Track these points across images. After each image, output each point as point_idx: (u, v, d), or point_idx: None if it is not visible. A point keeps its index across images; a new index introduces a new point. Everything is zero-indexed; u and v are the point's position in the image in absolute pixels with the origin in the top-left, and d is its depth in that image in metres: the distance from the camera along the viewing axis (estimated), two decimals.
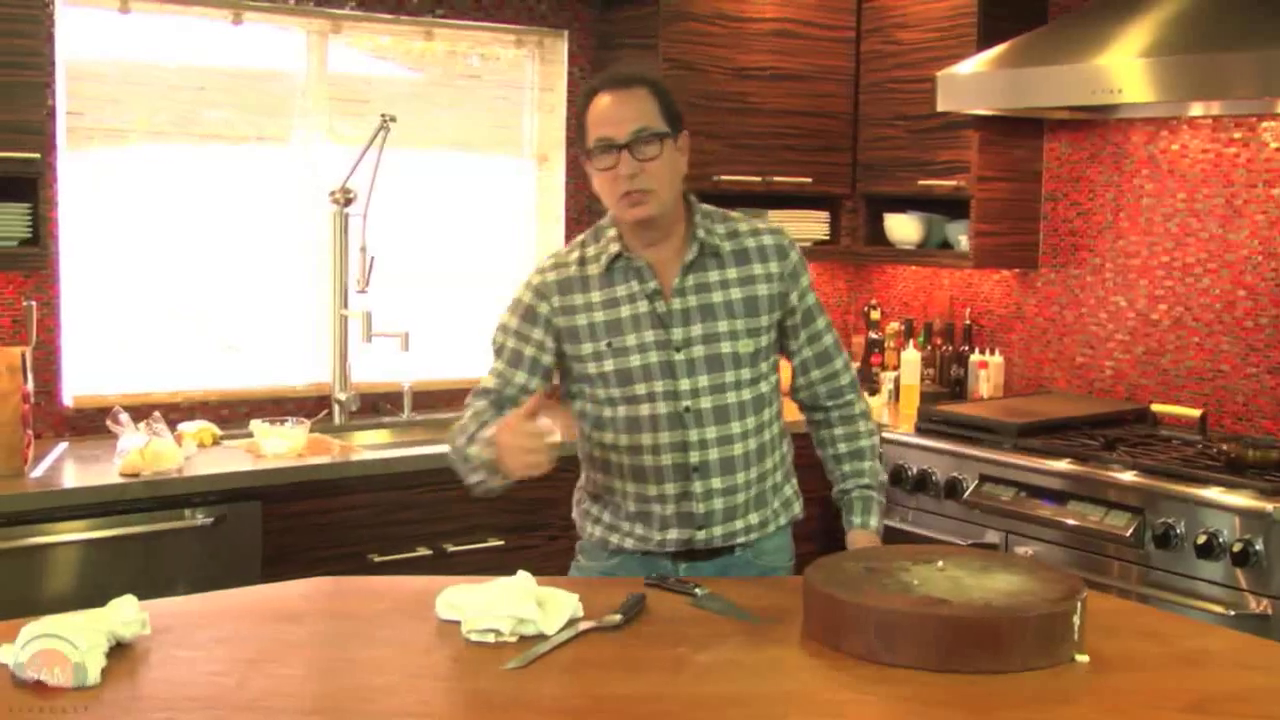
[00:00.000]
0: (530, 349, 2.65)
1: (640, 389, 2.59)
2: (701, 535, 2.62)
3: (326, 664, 2.15)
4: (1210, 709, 1.99)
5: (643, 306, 2.59)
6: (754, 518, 2.65)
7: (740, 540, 2.65)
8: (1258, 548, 3.36)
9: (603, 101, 2.55)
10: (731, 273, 2.63)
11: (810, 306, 2.71)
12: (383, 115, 4.17)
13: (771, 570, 2.69)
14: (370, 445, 4.16)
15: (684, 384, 2.59)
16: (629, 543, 2.67)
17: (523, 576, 2.27)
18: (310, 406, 4.24)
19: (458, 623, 2.20)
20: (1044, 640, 2.10)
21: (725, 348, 2.60)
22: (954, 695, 1.99)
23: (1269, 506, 3.35)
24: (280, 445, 3.74)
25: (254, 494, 3.53)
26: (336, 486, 3.66)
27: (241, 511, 3.50)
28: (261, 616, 2.32)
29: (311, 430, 3.89)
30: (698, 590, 2.39)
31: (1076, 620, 2.13)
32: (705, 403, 2.59)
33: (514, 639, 2.15)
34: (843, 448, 2.76)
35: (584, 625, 2.21)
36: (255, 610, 2.37)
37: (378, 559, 3.67)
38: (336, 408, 4.26)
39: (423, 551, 3.75)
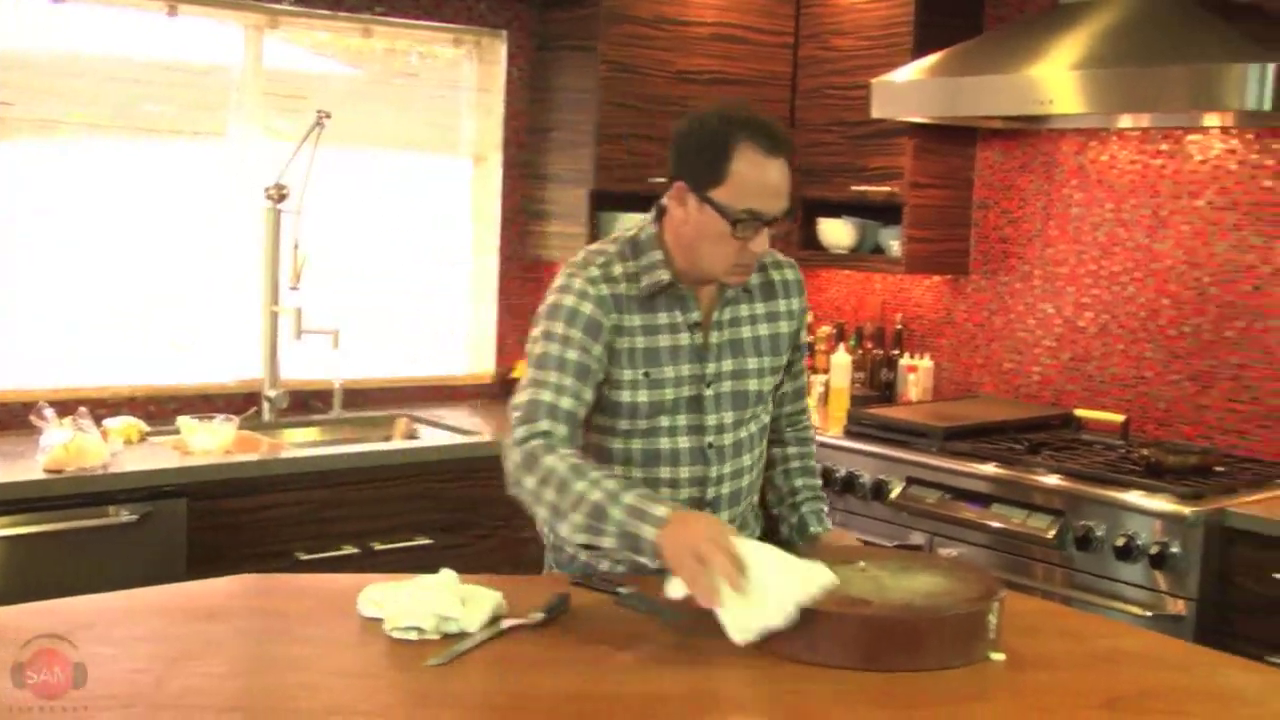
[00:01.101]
0: (594, 365, 2.40)
1: (664, 421, 2.48)
2: None
3: (248, 662, 2.14)
4: (1123, 706, 2.03)
5: (683, 338, 2.47)
6: None
7: None
8: (1174, 550, 3.41)
9: (769, 168, 2.32)
10: (759, 308, 2.56)
11: (803, 343, 2.69)
12: (318, 111, 4.15)
13: None
14: (299, 443, 4.14)
15: (710, 419, 2.50)
16: (621, 568, 2.56)
17: (446, 574, 2.27)
18: (239, 404, 4.21)
19: (381, 620, 2.19)
20: (961, 639, 2.13)
21: (751, 385, 2.54)
22: (874, 693, 2.01)
23: (1187, 510, 3.41)
24: (208, 442, 3.71)
25: (180, 491, 3.49)
26: (264, 484, 3.64)
27: (167, 509, 3.47)
28: (183, 614, 2.30)
29: (240, 427, 3.86)
30: (621, 589, 2.39)
31: (993, 620, 2.16)
32: (727, 439, 2.53)
33: (437, 636, 2.14)
34: (796, 464, 2.75)
35: (507, 623, 2.20)
36: (177, 608, 2.34)
37: (304, 557, 3.65)
38: (266, 405, 4.23)
39: (350, 550, 3.74)
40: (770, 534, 2.68)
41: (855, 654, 2.08)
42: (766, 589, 2.10)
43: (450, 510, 3.92)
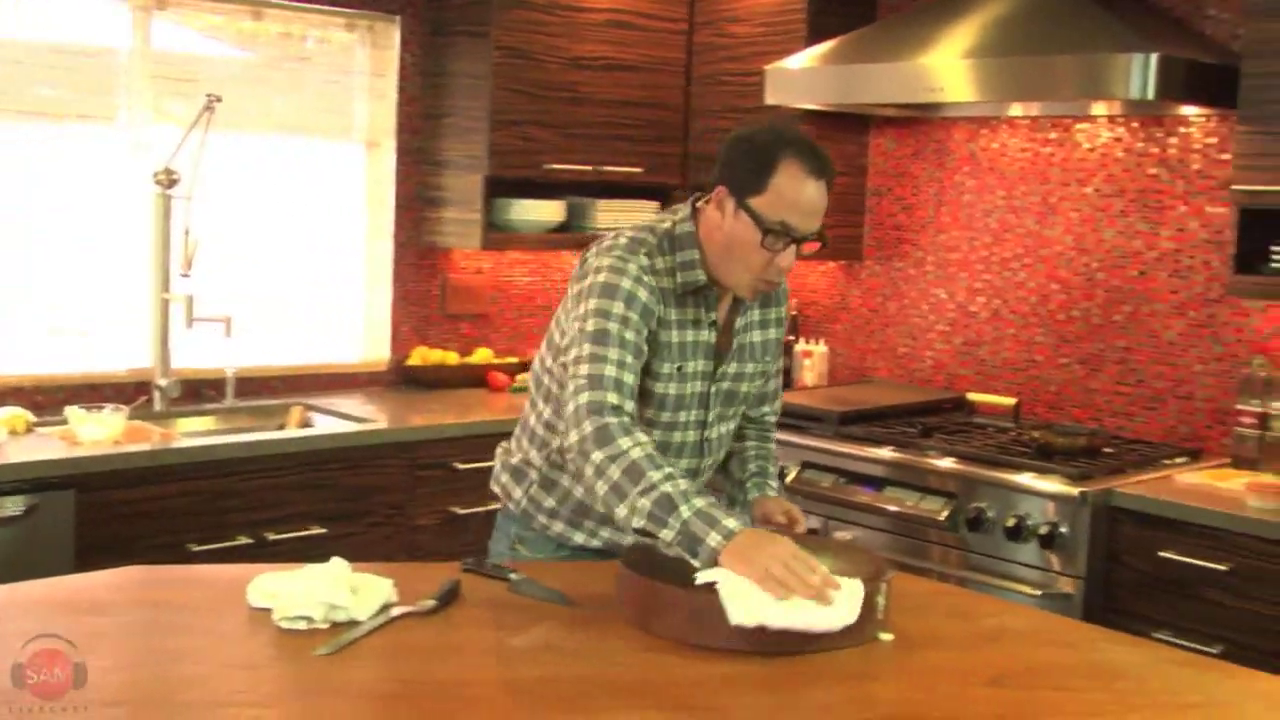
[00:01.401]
0: (644, 349, 2.44)
1: (682, 416, 2.56)
2: None
3: (135, 655, 2.10)
4: (1009, 682, 2.07)
5: (704, 335, 2.54)
6: None
7: None
8: (1064, 530, 3.48)
9: (808, 186, 2.38)
10: (756, 314, 2.66)
11: (780, 349, 2.76)
12: (208, 95, 4.08)
13: None
14: (192, 432, 4.08)
15: (712, 414, 2.60)
16: (595, 542, 2.63)
17: (336, 563, 2.25)
18: (130, 393, 4.13)
19: (270, 611, 2.17)
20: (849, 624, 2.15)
21: (744, 387, 2.65)
22: (764, 678, 2.02)
23: (1075, 491, 3.47)
24: (97, 432, 3.64)
25: (68, 483, 3.42)
26: (155, 475, 3.58)
27: (54, 500, 3.39)
28: (67, 607, 2.25)
29: (130, 417, 3.79)
30: (514, 575, 2.39)
31: (881, 601, 2.19)
32: (717, 433, 2.64)
33: (326, 626, 2.12)
34: (753, 457, 2.78)
35: (397, 611, 2.19)
36: (62, 601, 2.30)
37: (197, 548, 3.60)
38: (157, 394, 4.16)
39: (243, 540, 3.69)
40: None
41: (739, 636, 2.09)
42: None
43: (345, 499, 3.88)
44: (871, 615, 2.17)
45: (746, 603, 2.10)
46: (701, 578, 2.16)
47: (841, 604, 2.12)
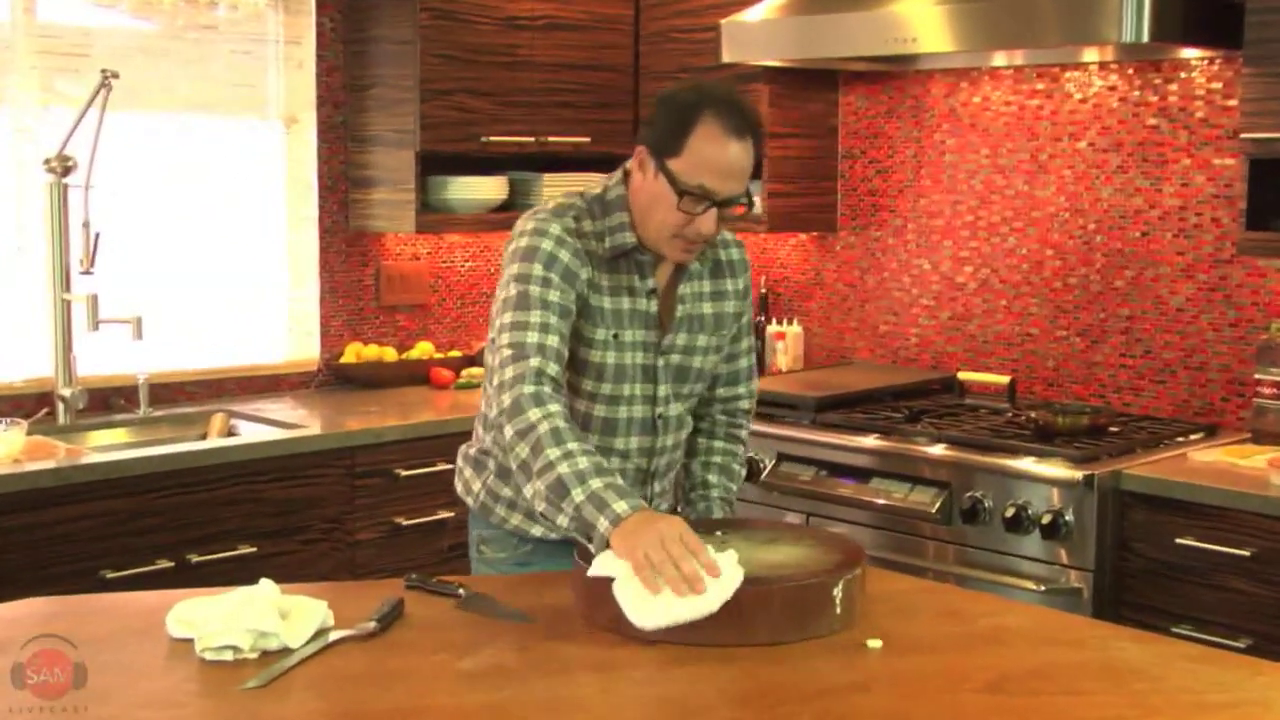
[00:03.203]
0: (572, 309, 2.56)
1: (625, 389, 2.65)
2: None
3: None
4: (1009, 688, 2.07)
5: (641, 303, 2.64)
6: None
7: None
8: (1068, 518, 3.48)
9: (729, 147, 2.49)
10: (707, 285, 2.74)
11: (744, 324, 2.85)
12: (103, 71, 4.03)
13: None
14: (102, 446, 4.04)
15: (662, 390, 2.69)
16: (554, 535, 2.69)
17: (265, 585, 2.23)
18: (30, 405, 4.09)
19: (192, 641, 2.15)
20: (795, 614, 2.22)
21: (696, 361, 2.73)
22: (739, 692, 2.03)
23: (1080, 475, 3.48)
24: None
25: None
26: (61, 495, 3.54)
27: None
28: None
29: (31, 432, 3.76)
30: (462, 591, 2.38)
31: (838, 594, 2.23)
32: (672, 410, 2.73)
33: (255, 655, 2.11)
34: (718, 459, 2.88)
35: (334, 635, 2.18)
36: None
37: (111, 575, 3.57)
38: (61, 405, 4.12)
39: (164, 564, 3.66)
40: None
41: (680, 629, 2.17)
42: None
43: (276, 514, 3.86)
44: (826, 609, 2.22)
45: (646, 604, 2.18)
46: (594, 570, 2.26)
47: (713, 589, 2.18)
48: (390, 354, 4.75)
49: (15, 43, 4.12)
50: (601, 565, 2.26)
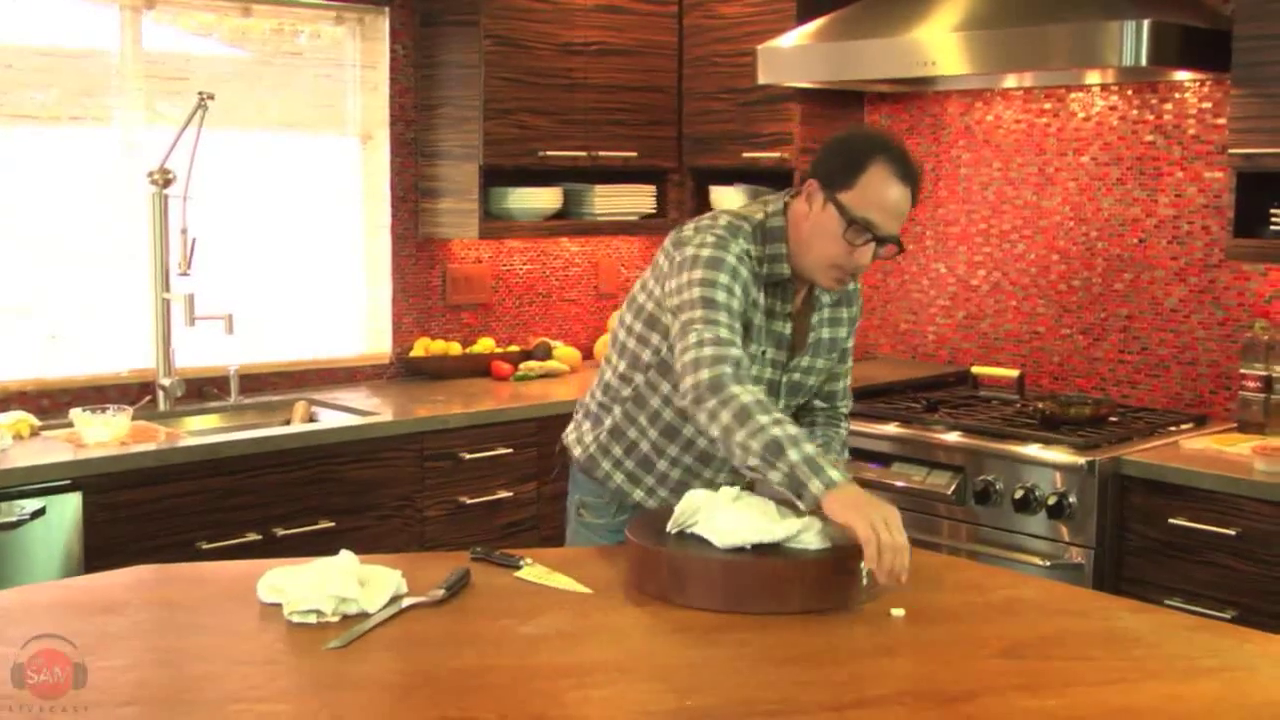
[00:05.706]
0: (742, 322, 2.53)
1: None
2: None
3: (145, 654, 2.09)
4: (1023, 653, 2.06)
5: (778, 325, 2.63)
6: None
7: None
8: (1072, 500, 3.46)
9: (895, 188, 2.48)
10: (826, 311, 2.72)
11: (848, 349, 2.81)
12: (200, 93, 4.05)
13: None
14: (197, 431, 4.06)
15: (779, 404, 2.65)
16: (652, 502, 2.72)
17: (345, 556, 2.24)
18: (134, 393, 4.12)
19: (280, 606, 2.16)
20: (822, 584, 2.22)
21: (811, 380, 2.73)
22: (777, 654, 2.02)
23: (1083, 460, 3.46)
24: (102, 434, 3.62)
25: (75, 485, 3.41)
26: (162, 474, 3.56)
27: (62, 503, 3.38)
28: (81, 609, 2.24)
29: (135, 417, 3.78)
30: (523, 562, 2.38)
31: (864, 566, 2.21)
32: None
33: (336, 619, 2.11)
34: (819, 431, 2.81)
35: (407, 601, 2.18)
36: (74, 602, 2.29)
37: (206, 546, 3.59)
38: (161, 394, 4.14)
39: (252, 537, 3.67)
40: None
41: (718, 597, 2.19)
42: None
43: (352, 492, 3.87)
44: (852, 581, 2.23)
45: (726, 532, 2.24)
46: (673, 526, 2.31)
47: (780, 527, 2.27)
48: (455, 348, 4.76)
49: (124, 69, 4.15)
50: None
